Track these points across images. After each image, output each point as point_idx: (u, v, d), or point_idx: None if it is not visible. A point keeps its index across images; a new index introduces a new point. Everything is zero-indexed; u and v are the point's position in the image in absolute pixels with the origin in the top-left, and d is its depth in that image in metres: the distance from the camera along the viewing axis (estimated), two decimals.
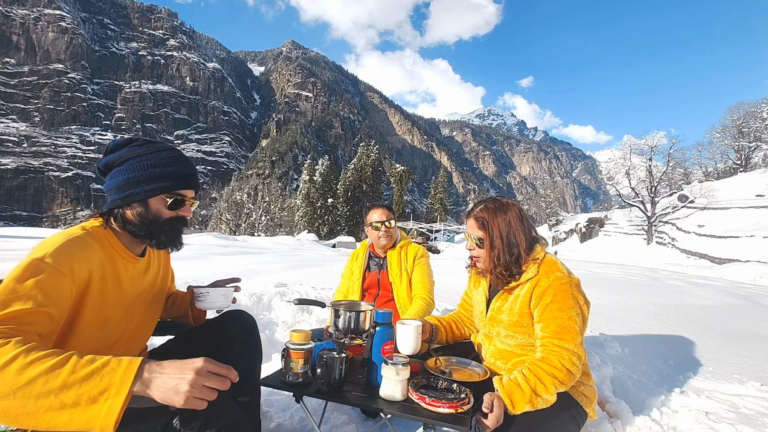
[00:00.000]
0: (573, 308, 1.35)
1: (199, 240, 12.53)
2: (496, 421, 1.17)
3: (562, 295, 1.35)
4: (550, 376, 1.25)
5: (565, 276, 1.38)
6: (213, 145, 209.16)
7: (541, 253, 1.45)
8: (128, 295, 1.16)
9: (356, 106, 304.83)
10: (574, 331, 1.32)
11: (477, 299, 1.66)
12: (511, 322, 1.44)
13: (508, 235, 1.44)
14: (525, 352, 1.45)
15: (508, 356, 1.49)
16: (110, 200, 1.11)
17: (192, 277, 4.40)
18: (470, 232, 1.52)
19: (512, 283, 1.45)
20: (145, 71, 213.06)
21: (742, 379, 2.39)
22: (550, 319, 1.35)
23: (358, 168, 60.61)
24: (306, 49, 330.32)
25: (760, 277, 12.56)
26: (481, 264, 1.53)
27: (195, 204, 1.23)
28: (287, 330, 2.79)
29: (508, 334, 1.46)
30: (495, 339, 1.53)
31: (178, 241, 1.21)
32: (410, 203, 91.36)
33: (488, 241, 1.46)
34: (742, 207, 29.85)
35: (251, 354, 1.35)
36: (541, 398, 1.23)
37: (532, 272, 1.41)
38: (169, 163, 1.13)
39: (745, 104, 45.85)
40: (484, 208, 1.49)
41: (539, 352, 1.35)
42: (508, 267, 1.43)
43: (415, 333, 1.41)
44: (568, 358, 1.29)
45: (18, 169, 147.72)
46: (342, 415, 1.81)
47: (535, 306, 1.39)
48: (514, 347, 1.47)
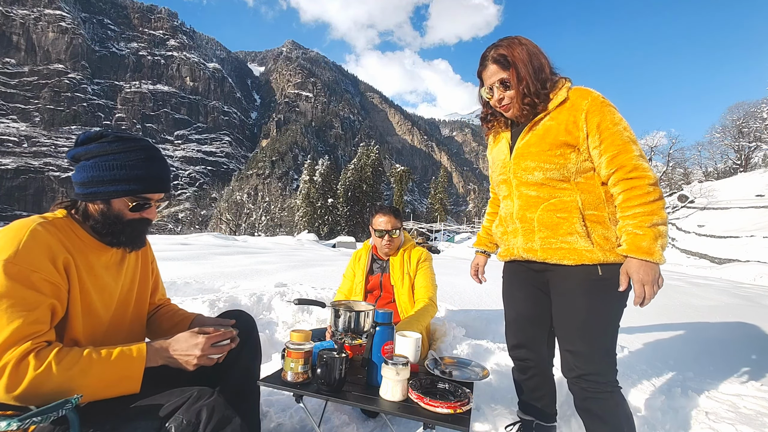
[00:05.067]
0: (622, 120, 1.29)
1: (199, 240, 12.52)
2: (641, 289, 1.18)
3: (609, 109, 1.28)
4: (651, 201, 1.21)
5: (601, 95, 1.31)
6: (213, 145, 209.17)
7: (568, 82, 1.37)
8: (107, 283, 1.14)
9: (356, 106, 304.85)
10: (634, 140, 1.27)
11: (496, 156, 1.55)
12: (542, 152, 1.34)
13: (531, 61, 1.33)
14: (551, 192, 1.37)
15: (535, 203, 1.40)
16: (75, 193, 1.10)
17: (192, 277, 4.40)
18: (491, 79, 1.38)
19: (540, 114, 1.36)
20: (145, 71, 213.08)
21: (742, 379, 2.39)
22: (609, 138, 1.27)
23: (358, 168, 60.60)
24: (306, 49, 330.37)
25: (760, 277, 12.55)
26: (511, 106, 1.40)
27: (161, 205, 1.20)
28: (287, 330, 2.79)
29: (538, 165, 1.35)
30: (520, 182, 1.42)
31: (139, 241, 1.18)
32: (410, 203, 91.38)
33: (514, 75, 1.34)
34: (742, 207, 29.85)
35: (251, 354, 1.35)
36: (662, 226, 1.20)
37: (562, 96, 1.33)
38: (137, 166, 1.08)
39: (745, 104, 45.91)
40: (498, 48, 1.37)
41: (617, 183, 1.27)
42: (538, 94, 1.33)
43: (414, 345, 1.40)
44: (650, 169, 1.24)
45: (18, 169, 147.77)
46: (342, 415, 1.81)
47: (578, 129, 1.30)
48: (541, 186, 1.37)
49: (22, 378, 0.86)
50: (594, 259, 1.31)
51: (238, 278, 4.65)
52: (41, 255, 0.94)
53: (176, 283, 3.91)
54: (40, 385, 0.88)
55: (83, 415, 0.93)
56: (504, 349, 2.43)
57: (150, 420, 0.94)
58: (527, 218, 1.42)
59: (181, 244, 9.60)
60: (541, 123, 1.37)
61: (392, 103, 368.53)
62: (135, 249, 1.20)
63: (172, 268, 4.99)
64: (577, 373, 1.33)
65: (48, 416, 0.82)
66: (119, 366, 0.98)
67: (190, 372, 1.11)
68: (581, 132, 1.30)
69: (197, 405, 0.95)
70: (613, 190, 1.31)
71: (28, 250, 0.93)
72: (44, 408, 0.83)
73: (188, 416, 0.93)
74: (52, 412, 0.82)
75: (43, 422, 0.83)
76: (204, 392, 0.98)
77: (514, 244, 1.49)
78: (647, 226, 1.20)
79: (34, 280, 0.92)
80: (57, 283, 0.97)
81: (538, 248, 1.40)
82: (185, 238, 13.60)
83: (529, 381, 1.58)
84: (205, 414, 0.93)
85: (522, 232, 1.45)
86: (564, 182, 1.36)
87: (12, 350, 0.87)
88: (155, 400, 0.98)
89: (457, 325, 2.59)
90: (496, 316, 3.29)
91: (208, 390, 1.00)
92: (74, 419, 0.87)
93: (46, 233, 0.98)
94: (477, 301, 4.15)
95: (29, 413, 0.81)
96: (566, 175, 1.34)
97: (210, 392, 0.99)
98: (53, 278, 0.96)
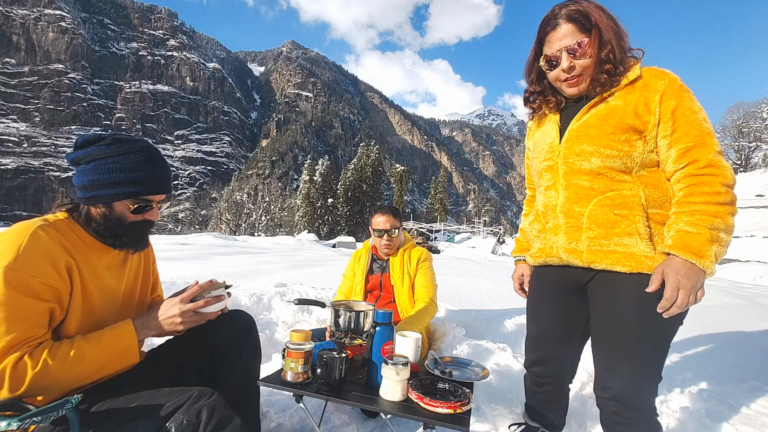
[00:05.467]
0: (702, 109, 1.09)
1: (199, 240, 12.52)
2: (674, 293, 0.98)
3: (687, 95, 1.08)
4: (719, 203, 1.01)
5: (678, 77, 1.11)
6: (213, 145, 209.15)
7: (639, 61, 1.17)
8: (110, 284, 1.14)
9: (356, 106, 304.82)
10: (713, 133, 1.07)
11: (540, 140, 1.32)
12: (603, 135, 1.13)
13: (616, 23, 1.13)
14: (608, 183, 1.15)
15: (587, 195, 1.17)
16: (77, 196, 1.11)
17: (192, 277, 4.40)
18: (562, 42, 1.15)
19: (608, 90, 1.15)
20: (145, 71, 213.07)
21: (742, 379, 2.39)
22: (685, 127, 1.07)
23: (358, 168, 60.56)
24: (306, 49, 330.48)
25: (760, 277, 12.57)
26: (582, 79, 1.17)
27: (163, 206, 1.21)
28: (287, 330, 2.79)
29: (597, 150, 1.14)
30: (571, 170, 1.20)
31: (141, 243, 1.18)
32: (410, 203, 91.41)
33: (596, 38, 1.11)
34: (742, 207, 29.82)
35: (250, 354, 1.35)
36: (723, 234, 0.99)
37: (635, 74, 1.12)
38: (136, 168, 1.07)
39: (745, 104, 45.88)
40: (573, 4, 1.14)
41: (683, 178, 1.07)
42: (620, 62, 1.12)
43: (414, 345, 1.40)
44: (728, 168, 1.04)
45: (18, 169, 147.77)
46: (342, 415, 1.81)
47: (648, 113, 1.10)
48: (596, 176, 1.16)
49: (22, 378, 0.89)
50: (639, 266, 1.10)
51: (238, 278, 4.65)
52: (42, 259, 0.94)
53: (176, 283, 3.91)
54: (40, 381, 0.91)
55: (83, 415, 0.94)
56: (504, 349, 2.43)
57: (150, 420, 0.95)
58: (574, 213, 1.19)
59: (181, 244, 9.60)
60: (605, 102, 1.15)
61: (392, 103, 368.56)
62: (138, 250, 1.20)
63: (172, 268, 4.98)
64: (613, 394, 1.16)
65: (48, 416, 0.82)
66: (111, 343, 1.02)
67: (191, 372, 1.11)
68: (652, 117, 1.09)
69: (197, 405, 0.95)
70: (675, 187, 1.10)
71: (28, 255, 0.92)
72: (44, 408, 0.83)
73: (188, 416, 0.93)
74: (51, 412, 0.83)
75: (43, 422, 0.83)
76: (204, 392, 0.99)
77: (554, 243, 1.26)
78: (705, 227, 1.00)
79: (33, 286, 0.92)
80: (58, 287, 0.97)
81: (584, 249, 1.18)
82: (185, 238, 13.59)
83: (543, 394, 1.48)
84: (206, 414, 0.93)
85: (565, 229, 1.22)
86: (625, 174, 1.14)
87: (7, 356, 0.89)
88: (156, 400, 0.98)
89: (457, 325, 2.58)
90: (496, 316, 3.29)
91: (208, 390, 1.00)
92: (74, 419, 0.87)
93: (46, 237, 0.97)
94: (477, 301, 4.15)
95: (29, 413, 0.82)
96: (629, 165, 1.13)
97: (210, 392, 0.99)
98: (54, 282, 0.96)
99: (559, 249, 1.24)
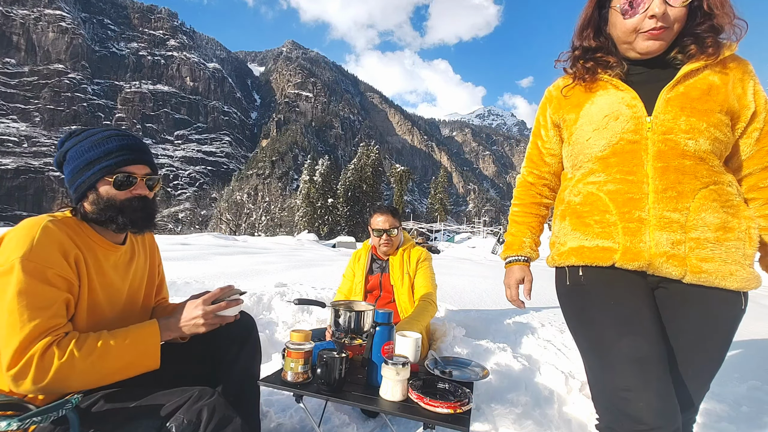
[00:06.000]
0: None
1: (199, 240, 12.54)
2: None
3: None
4: None
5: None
6: (213, 145, 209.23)
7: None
8: (114, 282, 1.14)
9: (356, 106, 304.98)
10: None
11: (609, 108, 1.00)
12: (711, 111, 0.91)
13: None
14: (711, 174, 0.92)
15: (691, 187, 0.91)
16: (71, 196, 1.12)
17: (192, 277, 4.41)
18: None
19: (695, 63, 0.93)
20: (145, 71, 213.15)
21: (742, 379, 2.39)
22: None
23: (358, 168, 60.57)
24: (306, 49, 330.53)
25: None
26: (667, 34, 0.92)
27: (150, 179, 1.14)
28: (287, 330, 2.79)
29: (708, 129, 0.91)
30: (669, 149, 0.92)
31: (141, 222, 1.12)
32: (410, 203, 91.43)
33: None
34: None
35: (251, 354, 1.35)
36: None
37: (732, 49, 0.94)
38: (103, 143, 1.07)
39: None
40: None
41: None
42: (730, 22, 0.94)
43: (414, 345, 1.40)
44: None
45: (18, 169, 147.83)
46: (342, 415, 1.81)
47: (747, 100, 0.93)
48: (699, 162, 0.92)
49: (48, 368, 0.89)
50: (749, 283, 0.92)
51: (239, 278, 4.66)
52: (54, 251, 0.96)
53: (176, 283, 3.92)
54: (64, 374, 0.90)
55: (83, 415, 0.94)
56: (504, 349, 2.42)
57: (151, 419, 0.95)
58: (679, 207, 0.91)
59: (181, 245, 9.61)
60: (700, 75, 0.93)
61: (392, 103, 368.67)
62: (140, 231, 1.17)
63: (172, 268, 4.99)
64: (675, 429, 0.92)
65: (48, 416, 0.82)
66: (136, 345, 1.01)
67: (191, 372, 1.12)
68: (751, 105, 0.93)
69: (198, 405, 0.95)
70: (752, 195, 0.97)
71: (42, 247, 0.94)
72: (44, 408, 0.83)
73: (189, 416, 0.93)
74: (52, 412, 0.83)
75: (43, 422, 0.83)
76: (205, 392, 0.99)
77: (638, 242, 0.93)
78: None
79: (49, 276, 0.93)
80: (70, 278, 0.98)
81: (692, 256, 0.91)
82: (185, 238, 13.61)
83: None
84: (206, 414, 0.93)
85: (659, 226, 0.92)
86: (720, 165, 0.96)
87: (35, 344, 0.89)
88: (156, 399, 0.99)
89: (457, 325, 2.58)
90: (496, 316, 3.29)
91: (208, 390, 1.00)
92: (74, 419, 0.87)
93: (57, 230, 0.99)
94: (477, 301, 4.15)
95: (29, 413, 0.82)
96: (724, 155, 0.96)
97: (211, 392, 1.00)
98: (66, 273, 0.97)
99: (648, 253, 0.93)
